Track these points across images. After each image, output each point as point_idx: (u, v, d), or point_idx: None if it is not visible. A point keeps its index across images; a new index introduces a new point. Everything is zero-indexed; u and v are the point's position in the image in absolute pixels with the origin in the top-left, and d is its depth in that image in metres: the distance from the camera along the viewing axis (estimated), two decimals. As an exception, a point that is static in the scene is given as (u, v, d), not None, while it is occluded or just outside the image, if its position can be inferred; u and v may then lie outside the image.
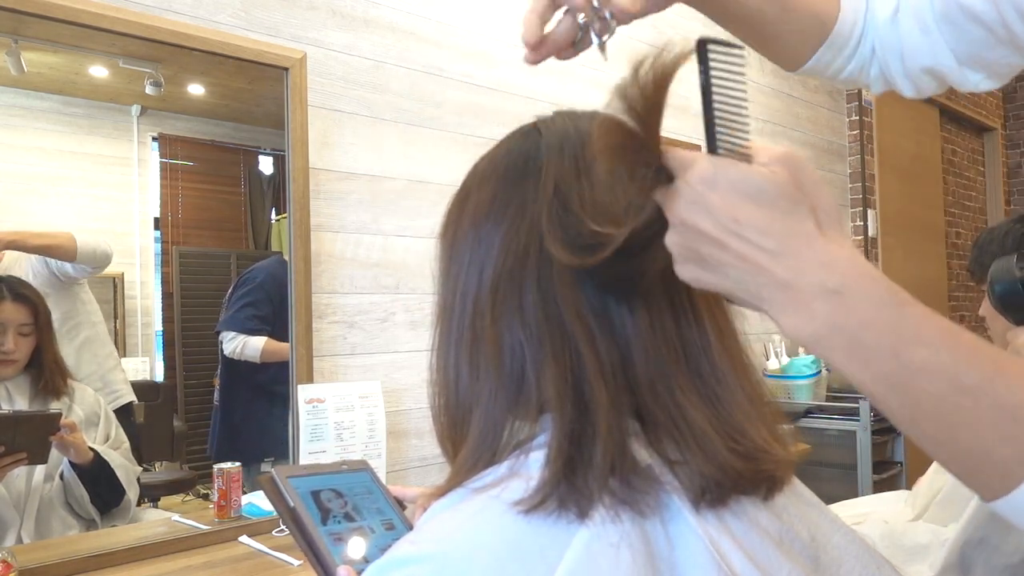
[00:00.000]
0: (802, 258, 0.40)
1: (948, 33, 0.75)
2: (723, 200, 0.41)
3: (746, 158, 0.43)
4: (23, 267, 1.49)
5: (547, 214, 0.50)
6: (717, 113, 0.43)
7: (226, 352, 1.79)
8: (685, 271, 0.44)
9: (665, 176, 0.44)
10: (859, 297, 0.39)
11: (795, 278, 0.40)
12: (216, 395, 1.82)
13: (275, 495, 0.62)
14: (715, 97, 0.43)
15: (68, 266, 1.51)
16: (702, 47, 0.43)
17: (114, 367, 1.61)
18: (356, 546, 0.60)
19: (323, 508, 0.62)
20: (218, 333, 1.80)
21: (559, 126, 0.55)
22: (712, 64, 0.43)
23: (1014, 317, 1.28)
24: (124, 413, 1.59)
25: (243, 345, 1.77)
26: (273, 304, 1.76)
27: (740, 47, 0.44)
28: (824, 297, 0.39)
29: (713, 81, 0.43)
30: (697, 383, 0.49)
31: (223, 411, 1.81)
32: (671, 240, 0.44)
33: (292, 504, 0.61)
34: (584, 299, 0.49)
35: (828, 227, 0.41)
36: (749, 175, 0.41)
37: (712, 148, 0.44)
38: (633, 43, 2.68)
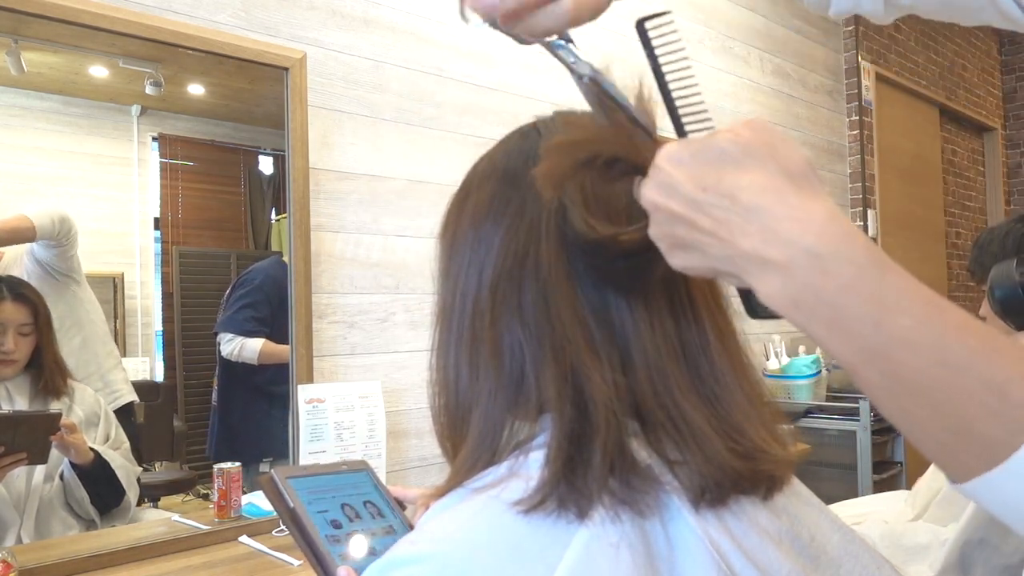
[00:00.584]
0: (775, 216, 0.37)
1: None
2: (688, 173, 0.40)
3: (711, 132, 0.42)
4: (20, 268, 1.49)
5: (548, 214, 0.50)
6: (675, 94, 0.43)
7: (224, 353, 1.79)
8: (674, 259, 0.43)
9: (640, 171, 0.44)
10: (838, 259, 0.36)
11: (769, 238, 0.37)
12: (214, 396, 1.82)
13: (275, 496, 0.62)
14: (668, 78, 0.43)
15: (45, 250, 1.48)
16: (641, 27, 0.43)
17: (114, 367, 1.61)
18: (356, 547, 0.60)
19: (320, 509, 0.62)
20: (216, 334, 1.80)
21: (557, 125, 0.55)
22: (655, 43, 0.43)
23: (1015, 322, 1.28)
24: (125, 413, 1.59)
25: (241, 347, 1.77)
26: (272, 306, 1.76)
27: (667, 12, 0.44)
28: (801, 257, 0.37)
29: (661, 62, 0.43)
30: (696, 383, 0.49)
31: (221, 412, 1.81)
32: (653, 231, 0.44)
33: (292, 505, 0.60)
34: (583, 299, 0.49)
35: (804, 180, 0.39)
36: (710, 142, 0.40)
37: (681, 132, 0.44)
38: (632, 42, 2.69)
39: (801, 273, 0.37)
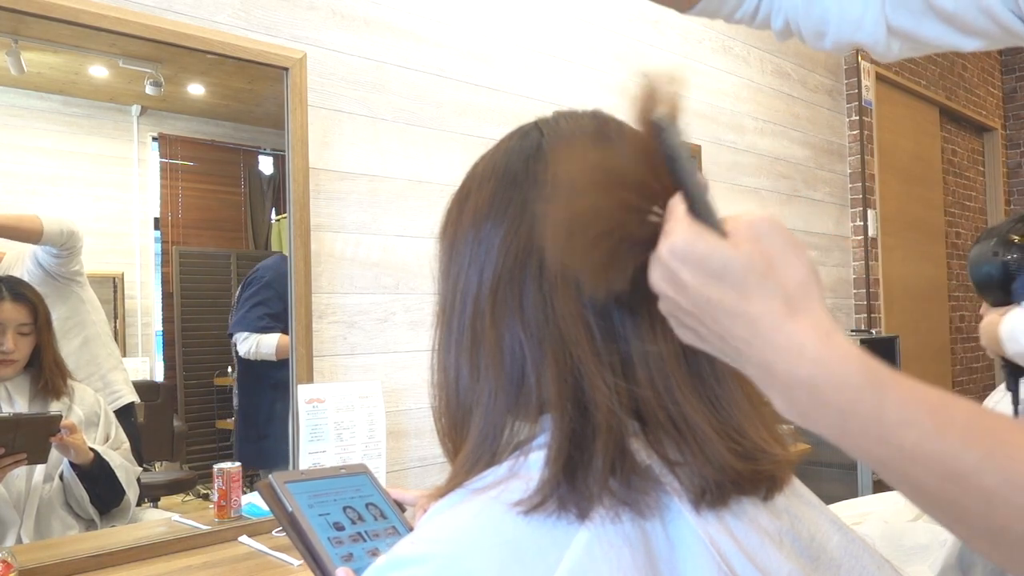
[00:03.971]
0: (773, 345, 0.38)
1: (891, 6, 0.77)
2: (694, 278, 0.40)
3: (720, 228, 0.41)
4: (21, 268, 1.49)
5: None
6: (689, 179, 0.42)
7: (241, 353, 1.78)
8: (683, 337, 0.44)
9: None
10: (834, 387, 0.37)
11: (771, 364, 0.38)
12: (235, 400, 1.81)
13: (273, 501, 0.62)
14: (685, 164, 0.42)
15: (47, 255, 1.49)
16: (657, 128, 0.42)
17: (115, 367, 1.61)
18: (355, 549, 0.60)
19: (321, 512, 0.62)
20: (230, 336, 1.80)
21: (562, 127, 0.55)
22: (671, 134, 0.42)
23: (991, 299, 1.34)
24: (125, 413, 1.59)
25: (257, 344, 1.77)
26: (284, 301, 1.73)
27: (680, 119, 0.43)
28: (800, 387, 0.38)
29: (679, 151, 0.42)
30: (697, 384, 0.49)
31: (244, 413, 1.79)
32: (661, 307, 0.44)
33: (290, 509, 0.60)
34: (585, 300, 0.49)
35: (800, 302, 0.39)
36: (715, 251, 0.39)
37: (694, 211, 0.42)
38: (632, 42, 2.68)
39: (803, 400, 0.38)
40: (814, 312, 0.39)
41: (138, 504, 1.55)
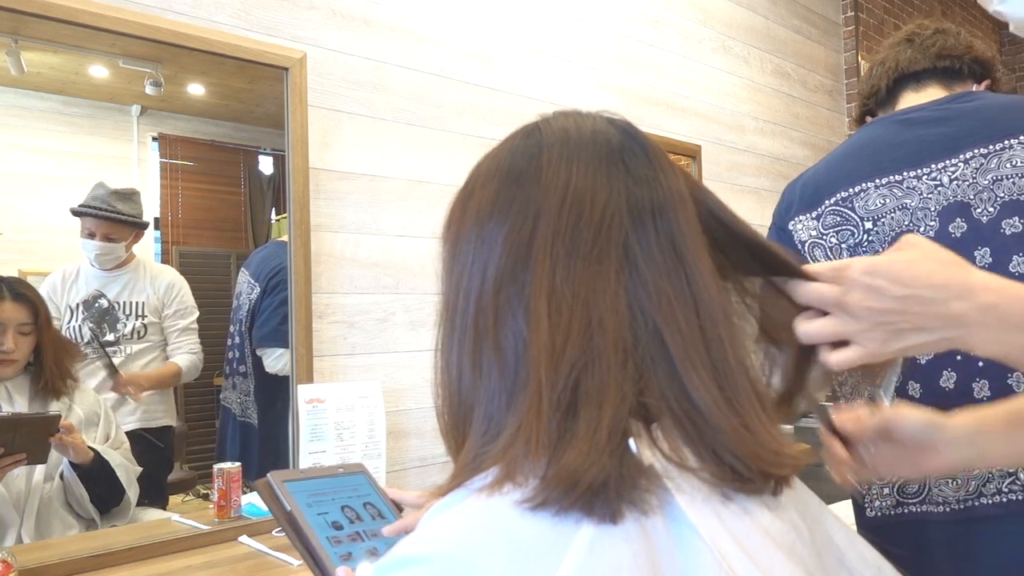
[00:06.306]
0: (971, 291, 0.52)
1: None
2: (889, 281, 0.53)
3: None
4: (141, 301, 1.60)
5: (548, 214, 0.50)
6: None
7: (272, 370, 1.67)
8: (897, 344, 0.55)
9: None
10: (1013, 301, 0.51)
11: (968, 310, 0.51)
12: (235, 403, 1.74)
13: (271, 500, 0.62)
14: None
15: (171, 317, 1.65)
16: None
17: (169, 391, 1.69)
18: (354, 548, 0.60)
19: (320, 511, 0.62)
20: (254, 350, 1.70)
21: (559, 124, 0.55)
22: None
23: None
24: (164, 434, 1.66)
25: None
26: None
27: None
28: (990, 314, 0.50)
29: None
30: (703, 383, 0.48)
31: (264, 432, 1.69)
32: (856, 332, 0.55)
33: (288, 508, 0.60)
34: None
35: (956, 262, 0.54)
36: (892, 258, 0.54)
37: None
38: (632, 42, 2.68)
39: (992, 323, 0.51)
40: (968, 265, 0.54)
41: (138, 504, 1.55)
